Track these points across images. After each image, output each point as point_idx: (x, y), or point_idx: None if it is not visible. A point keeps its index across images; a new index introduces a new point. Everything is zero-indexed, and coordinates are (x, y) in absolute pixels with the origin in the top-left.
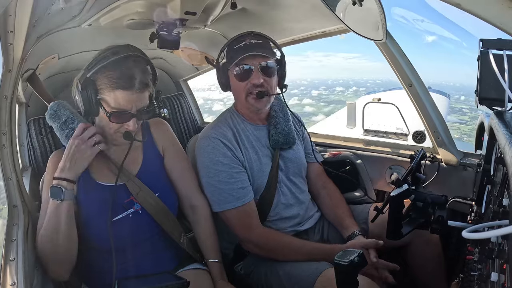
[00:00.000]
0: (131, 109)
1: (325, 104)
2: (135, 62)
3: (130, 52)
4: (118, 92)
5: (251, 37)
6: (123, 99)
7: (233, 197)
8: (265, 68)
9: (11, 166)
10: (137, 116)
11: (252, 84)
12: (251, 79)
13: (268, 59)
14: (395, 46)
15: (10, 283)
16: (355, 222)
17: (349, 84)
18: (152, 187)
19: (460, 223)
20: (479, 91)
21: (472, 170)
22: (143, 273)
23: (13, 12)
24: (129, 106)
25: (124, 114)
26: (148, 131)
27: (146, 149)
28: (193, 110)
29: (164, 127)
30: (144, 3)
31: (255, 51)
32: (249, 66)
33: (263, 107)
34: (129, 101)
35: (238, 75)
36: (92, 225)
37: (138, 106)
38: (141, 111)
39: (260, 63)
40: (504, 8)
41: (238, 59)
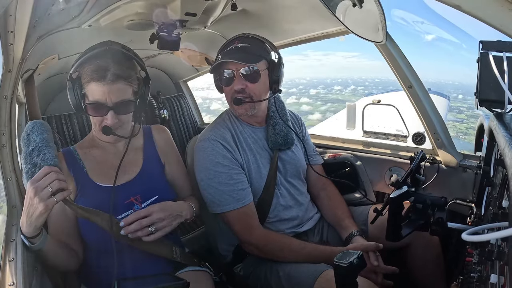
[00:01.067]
0: (106, 102)
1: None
2: (110, 55)
3: (106, 46)
4: (92, 84)
5: (241, 41)
6: (97, 90)
7: (233, 198)
8: (247, 74)
9: (10, 166)
10: (114, 109)
11: (234, 89)
12: (233, 84)
13: (250, 65)
14: (395, 48)
15: (9, 283)
16: (354, 223)
17: (347, 83)
18: (151, 189)
19: (459, 225)
20: (478, 93)
21: (472, 172)
22: (143, 274)
23: (13, 13)
24: (103, 98)
25: (99, 107)
26: (150, 135)
27: (146, 151)
28: (193, 111)
29: (166, 135)
30: (145, 4)
31: (234, 58)
32: (231, 71)
33: (244, 113)
34: (102, 92)
35: (223, 79)
36: (90, 228)
37: (113, 98)
38: (118, 104)
39: (241, 69)
40: (504, 10)
41: (220, 64)
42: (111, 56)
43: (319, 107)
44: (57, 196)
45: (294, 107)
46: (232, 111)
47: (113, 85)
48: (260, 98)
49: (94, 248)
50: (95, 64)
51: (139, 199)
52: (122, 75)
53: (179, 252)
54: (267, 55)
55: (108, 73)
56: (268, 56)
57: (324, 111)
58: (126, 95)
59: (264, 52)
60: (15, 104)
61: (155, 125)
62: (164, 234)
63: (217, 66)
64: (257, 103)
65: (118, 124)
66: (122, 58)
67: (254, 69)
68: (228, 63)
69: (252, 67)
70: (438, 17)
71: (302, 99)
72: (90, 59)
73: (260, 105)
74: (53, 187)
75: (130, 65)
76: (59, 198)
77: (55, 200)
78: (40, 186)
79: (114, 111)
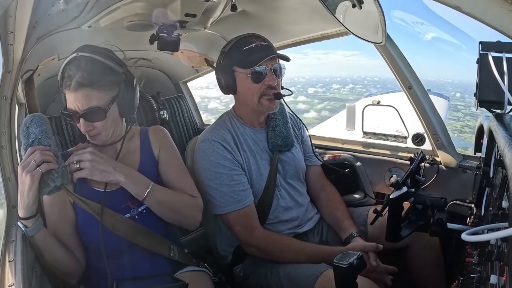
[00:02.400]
0: (76, 109)
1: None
2: (76, 62)
3: (75, 53)
4: (63, 91)
5: (257, 39)
6: (68, 99)
7: (234, 199)
8: (276, 70)
9: (10, 167)
10: (84, 117)
11: (266, 86)
12: (265, 80)
13: (280, 62)
14: (395, 49)
15: (8, 283)
16: (354, 224)
17: (346, 82)
18: None
19: (459, 226)
20: (478, 94)
21: (472, 172)
22: (141, 275)
23: (13, 13)
24: (72, 106)
25: (72, 115)
26: (147, 137)
27: (143, 154)
28: (193, 112)
29: (161, 133)
30: (144, 5)
31: (273, 54)
32: (265, 67)
33: (276, 108)
34: (70, 101)
35: (253, 77)
36: (88, 229)
37: (80, 106)
38: (87, 112)
39: (273, 65)
40: (503, 11)
41: (257, 60)
42: (76, 63)
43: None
44: (42, 167)
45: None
46: (234, 112)
47: (77, 93)
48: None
49: (93, 249)
50: (64, 73)
51: (136, 203)
52: (85, 82)
53: (177, 251)
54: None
55: (72, 82)
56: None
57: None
58: (93, 102)
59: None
60: (15, 105)
61: (153, 126)
62: (84, 176)
63: (244, 63)
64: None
65: (95, 131)
66: (89, 63)
67: (282, 65)
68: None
69: (281, 63)
70: (437, 18)
71: (299, 97)
72: (63, 69)
73: None
74: (36, 160)
75: (100, 70)
76: (44, 168)
77: (41, 171)
78: (26, 163)
79: (84, 118)
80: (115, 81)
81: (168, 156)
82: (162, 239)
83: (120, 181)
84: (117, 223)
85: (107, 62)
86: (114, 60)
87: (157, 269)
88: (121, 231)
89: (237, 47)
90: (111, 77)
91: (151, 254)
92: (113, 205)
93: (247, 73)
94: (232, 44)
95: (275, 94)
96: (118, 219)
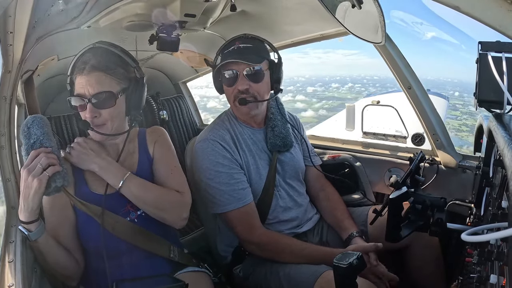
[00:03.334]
0: (85, 93)
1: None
2: (93, 50)
3: (92, 45)
4: (76, 79)
5: (242, 41)
6: (78, 84)
7: (234, 198)
8: (251, 74)
9: (9, 167)
10: (92, 102)
11: (237, 90)
12: (236, 84)
13: (254, 65)
14: (394, 49)
15: (8, 284)
16: (354, 224)
17: (345, 81)
18: None
19: (459, 226)
20: (478, 94)
21: (471, 172)
22: (141, 275)
23: (13, 13)
24: (82, 90)
25: (80, 100)
26: (144, 138)
27: (141, 155)
28: (192, 112)
29: (158, 132)
30: (144, 5)
31: (239, 58)
32: (235, 71)
33: (248, 112)
34: (81, 85)
35: (225, 80)
36: (88, 231)
37: (91, 90)
38: (97, 96)
39: (245, 69)
40: (502, 11)
41: (222, 64)
42: (93, 51)
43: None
44: (48, 170)
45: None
46: (232, 112)
47: (90, 75)
48: (263, 98)
49: (93, 251)
50: (78, 60)
51: (135, 206)
52: (100, 67)
53: (177, 252)
54: (268, 55)
55: (87, 65)
56: (269, 57)
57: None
58: (104, 86)
59: (265, 52)
60: (15, 105)
61: (151, 127)
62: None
63: (220, 67)
64: (260, 103)
65: (100, 120)
66: (105, 52)
67: (257, 69)
68: (230, 63)
69: (255, 67)
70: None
71: (297, 96)
72: (77, 58)
73: (262, 105)
74: (42, 163)
75: (114, 60)
76: (50, 171)
77: (47, 175)
78: (32, 166)
79: (93, 104)
80: (127, 75)
81: (161, 152)
82: (162, 240)
83: (95, 171)
84: (118, 225)
85: (122, 55)
86: (128, 55)
87: (157, 270)
88: (121, 233)
89: (223, 49)
90: (123, 70)
91: (151, 255)
92: (112, 209)
93: (221, 76)
94: (223, 46)
95: (240, 99)
96: (118, 221)
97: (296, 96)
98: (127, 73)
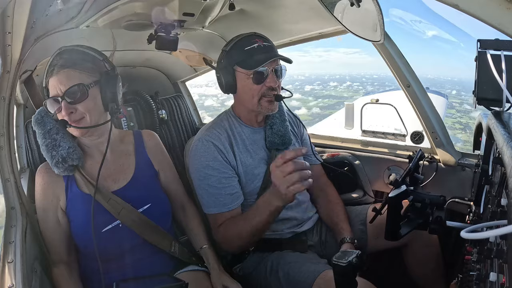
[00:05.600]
0: (58, 93)
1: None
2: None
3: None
4: (48, 83)
5: (260, 39)
6: (51, 87)
7: (220, 202)
8: (277, 71)
9: (9, 167)
10: (65, 99)
11: (267, 87)
12: (266, 82)
13: (281, 64)
14: (393, 47)
15: (8, 284)
16: (349, 228)
17: (344, 80)
18: (143, 197)
19: (458, 224)
20: (477, 92)
21: (470, 170)
22: (142, 274)
23: (11, 14)
24: (55, 91)
25: (54, 100)
26: (141, 140)
27: (138, 157)
28: (191, 112)
29: (156, 139)
30: (143, 4)
31: (276, 55)
32: (266, 69)
33: (275, 110)
34: (53, 86)
35: (254, 77)
36: (82, 234)
37: (63, 88)
38: (69, 92)
39: (274, 66)
40: (502, 9)
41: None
42: (59, 54)
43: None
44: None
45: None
46: (233, 112)
47: (60, 74)
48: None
49: (88, 254)
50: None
51: (141, 200)
52: (67, 64)
53: (177, 247)
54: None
55: (55, 67)
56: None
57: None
58: (74, 81)
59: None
60: (13, 106)
61: (145, 130)
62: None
63: (245, 63)
64: None
65: (77, 115)
66: (70, 52)
67: (283, 66)
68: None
69: (281, 65)
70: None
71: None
72: (47, 64)
73: None
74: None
75: (81, 57)
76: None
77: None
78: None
79: (66, 101)
80: (96, 68)
81: (167, 165)
82: (165, 234)
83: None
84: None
85: (87, 51)
86: (94, 50)
87: (157, 269)
88: (134, 225)
89: (239, 46)
90: (91, 64)
91: (151, 254)
92: (103, 212)
93: (248, 74)
94: (234, 43)
95: (276, 96)
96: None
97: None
98: (96, 67)
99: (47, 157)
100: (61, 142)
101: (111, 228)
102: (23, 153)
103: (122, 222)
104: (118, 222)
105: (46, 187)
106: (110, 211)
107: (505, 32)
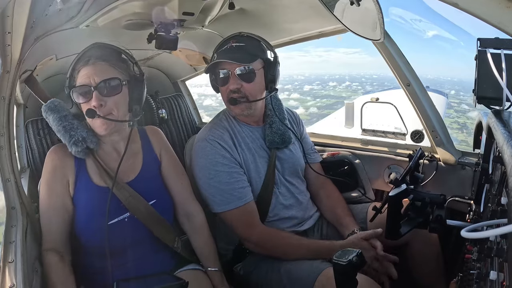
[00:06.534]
0: (91, 83)
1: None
2: (95, 46)
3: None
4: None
5: (236, 40)
6: (82, 75)
7: (235, 197)
8: (242, 74)
9: (9, 167)
10: (98, 89)
11: (229, 89)
12: (228, 84)
13: (245, 65)
14: (393, 46)
15: (9, 285)
16: (355, 221)
17: (344, 79)
18: (149, 193)
19: (458, 222)
20: (477, 90)
21: (471, 169)
22: (142, 274)
23: (10, 13)
24: (87, 80)
25: (84, 89)
26: (147, 138)
27: (145, 154)
28: (191, 111)
29: (161, 135)
30: (142, 4)
31: (229, 58)
32: (227, 71)
33: (240, 113)
34: (86, 75)
35: (218, 79)
36: (88, 227)
37: (97, 79)
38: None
39: (236, 68)
40: (502, 8)
41: (215, 64)
42: (96, 47)
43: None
44: None
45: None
46: (229, 111)
47: (96, 65)
48: (256, 97)
49: (92, 249)
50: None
51: (149, 194)
52: (104, 58)
53: (180, 244)
54: (262, 54)
55: (92, 58)
56: (264, 55)
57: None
58: (110, 74)
59: (259, 51)
60: (13, 105)
61: (149, 127)
62: None
63: (213, 66)
64: (253, 103)
65: (106, 109)
66: (107, 47)
67: (249, 68)
68: (223, 63)
69: (247, 66)
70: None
71: (292, 95)
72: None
73: (257, 104)
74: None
75: (116, 55)
76: None
77: None
78: None
79: (98, 91)
80: (128, 70)
81: (170, 160)
82: (170, 228)
83: None
84: (142, 208)
85: (123, 52)
86: (126, 53)
87: (158, 267)
88: (142, 216)
89: (218, 47)
90: (124, 64)
91: (153, 252)
92: (113, 203)
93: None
94: (219, 44)
95: (230, 99)
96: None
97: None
98: (128, 68)
99: (64, 136)
100: (79, 126)
101: (118, 222)
102: (23, 153)
103: (131, 213)
104: (125, 215)
105: (57, 167)
106: (121, 199)
107: (505, 30)
